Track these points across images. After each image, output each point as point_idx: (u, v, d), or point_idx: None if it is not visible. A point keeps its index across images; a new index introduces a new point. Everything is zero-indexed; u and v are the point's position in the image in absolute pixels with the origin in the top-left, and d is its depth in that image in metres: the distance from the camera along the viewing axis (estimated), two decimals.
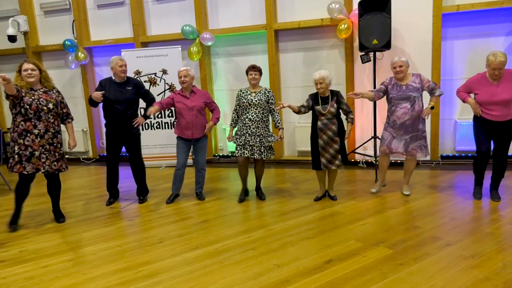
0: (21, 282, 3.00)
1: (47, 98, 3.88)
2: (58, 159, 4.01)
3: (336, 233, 3.60)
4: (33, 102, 3.79)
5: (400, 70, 4.21)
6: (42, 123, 3.84)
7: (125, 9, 6.81)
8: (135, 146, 4.61)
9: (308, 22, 5.86)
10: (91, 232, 3.92)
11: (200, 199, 4.71)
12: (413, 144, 4.34)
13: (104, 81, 4.48)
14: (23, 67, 3.82)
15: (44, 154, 3.90)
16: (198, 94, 4.56)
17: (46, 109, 3.85)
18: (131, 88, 4.48)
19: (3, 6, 7.46)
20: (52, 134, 3.94)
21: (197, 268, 3.08)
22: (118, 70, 4.40)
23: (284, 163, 6.39)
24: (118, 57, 4.47)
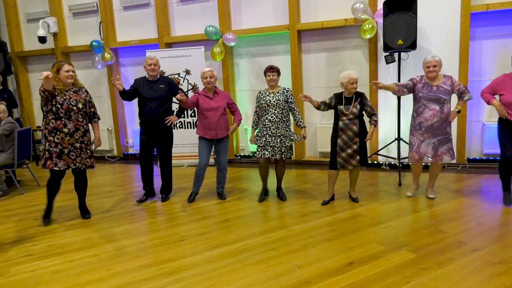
0: (49, 275, 3.10)
1: (76, 98, 4.00)
2: (90, 156, 4.15)
3: (358, 235, 3.56)
4: (64, 101, 3.91)
5: (434, 70, 4.10)
6: (72, 123, 3.96)
7: (150, 10, 6.93)
8: (167, 144, 4.69)
9: (332, 22, 5.82)
10: (116, 229, 4.01)
11: (222, 198, 4.75)
12: (442, 148, 4.23)
13: (139, 79, 4.61)
14: (65, 68, 3.92)
15: (74, 152, 4.01)
16: (221, 95, 4.60)
17: (76, 109, 3.96)
18: (163, 85, 4.56)
19: (34, 8, 7.72)
20: (82, 133, 4.05)
21: (218, 266, 3.11)
22: (148, 69, 4.51)
23: (305, 164, 6.36)
24: (149, 56, 4.58)
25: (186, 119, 6.64)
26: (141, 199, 4.80)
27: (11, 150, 5.35)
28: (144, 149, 4.65)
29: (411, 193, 4.54)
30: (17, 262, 3.36)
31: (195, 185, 4.76)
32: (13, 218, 4.50)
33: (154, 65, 4.52)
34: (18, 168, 5.55)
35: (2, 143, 5.39)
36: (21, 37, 7.97)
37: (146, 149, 4.65)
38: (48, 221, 4.23)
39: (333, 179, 4.43)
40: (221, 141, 4.61)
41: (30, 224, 4.25)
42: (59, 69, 3.93)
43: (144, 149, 4.65)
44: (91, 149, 4.18)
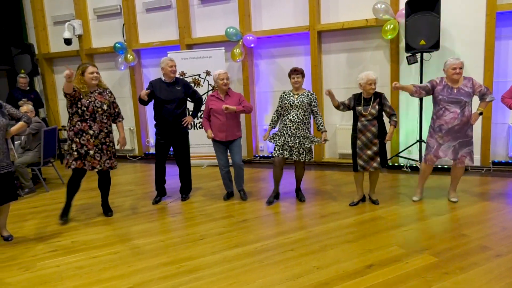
0: (72, 270, 3.19)
1: (101, 100, 4.08)
2: (110, 157, 4.21)
3: (378, 238, 3.52)
4: (89, 104, 4.00)
5: (460, 72, 4.02)
6: (96, 124, 4.05)
7: (171, 12, 7.03)
8: (185, 144, 4.75)
9: (353, 23, 5.77)
10: (137, 227, 4.09)
11: (243, 198, 4.73)
12: (463, 151, 4.14)
13: (154, 82, 4.63)
14: (89, 70, 4.01)
15: (98, 154, 4.10)
16: (232, 97, 4.60)
17: (100, 111, 4.05)
18: (180, 88, 4.61)
19: (60, 11, 7.95)
20: (105, 134, 4.13)
21: (237, 266, 3.13)
22: (168, 71, 4.54)
23: (325, 165, 6.33)
24: (168, 57, 4.61)
25: None
26: (156, 200, 4.86)
27: (37, 149, 5.52)
28: (161, 150, 4.69)
29: (417, 197, 4.44)
30: (42, 257, 3.47)
31: (226, 186, 4.83)
32: (39, 214, 4.64)
33: (175, 66, 4.59)
34: (44, 166, 5.72)
35: (29, 142, 5.57)
36: (48, 39, 8.21)
37: (162, 150, 4.69)
38: (66, 220, 4.33)
39: (359, 180, 4.40)
40: (233, 141, 4.62)
41: (55, 221, 4.37)
42: (83, 71, 4.02)
43: (161, 150, 4.69)
44: (113, 150, 4.24)
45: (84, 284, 2.97)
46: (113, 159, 4.26)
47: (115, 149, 4.32)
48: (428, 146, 4.28)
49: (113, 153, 4.26)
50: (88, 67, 4.03)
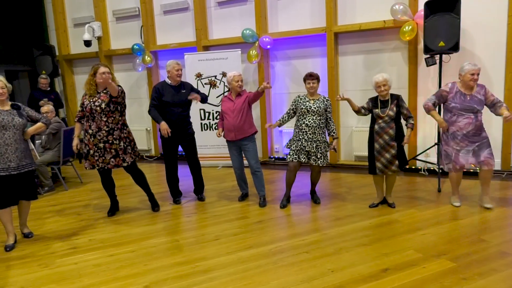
0: (90, 268, 3.25)
1: (103, 99, 4.11)
2: (115, 155, 4.20)
3: (394, 241, 3.48)
4: (88, 104, 4.10)
5: (477, 79, 3.95)
6: (94, 123, 4.12)
7: (189, 14, 7.10)
8: (193, 145, 4.77)
9: (370, 24, 5.72)
10: (152, 226, 4.14)
11: (261, 205, 4.60)
12: (484, 152, 4.05)
13: (160, 86, 4.60)
14: (100, 70, 4.08)
15: (97, 153, 4.15)
16: (243, 96, 4.59)
17: (99, 109, 4.09)
18: (185, 91, 4.63)
19: (80, 14, 8.12)
20: (106, 132, 4.13)
21: (251, 267, 3.13)
22: (175, 74, 4.54)
23: (340, 168, 6.28)
24: (175, 61, 4.60)
25: None
26: (176, 200, 4.89)
27: (57, 148, 5.64)
28: (170, 153, 4.70)
29: (458, 202, 4.30)
30: (61, 254, 3.54)
31: (240, 187, 4.85)
32: (58, 212, 4.74)
33: (181, 70, 4.61)
34: (63, 165, 5.84)
35: (49, 141, 5.70)
36: (68, 41, 8.39)
37: (172, 152, 4.70)
38: (111, 214, 4.50)
39: (379, 183, 4.37)
40: (244, 141, 4.57)
41: (74, 219, 4.46)
42: (95, 72, 4.10)
43: (170, 152, 4.69)
44: (121, 147, 4.20)
45: (101, 281, 3.02)
46: (121, 157, 4.22)
47: (127, 146, 4.26)
48: (446, 155, 4.20)
49: (123, 150, 4.22)
50: (99, 68, 4.10)
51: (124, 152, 4.25)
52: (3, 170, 3.59)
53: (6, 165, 3.59)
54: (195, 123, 6.49)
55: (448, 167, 4.21)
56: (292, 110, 4.46)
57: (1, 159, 3.58)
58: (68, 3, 8.23)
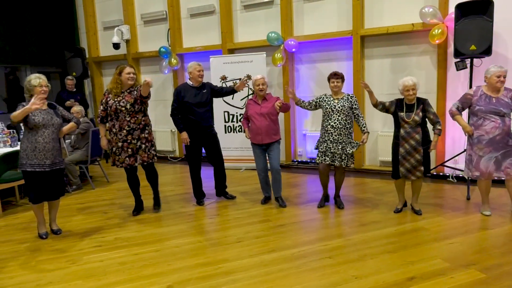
0: (115, 266, 3.32)
1: (128, 99, 4.21)
2: (130, 155, 4.28)
3: (420, 249, 3.39)
4: (113, 104, 4.19)
5: (504, 81, 3.84)
6: (118, 123, 4.22)
7: (215, 17, 7.17)
8: (216, 146, 4.80)
9: (398, 27, 5.62)
10: (176, 227, 4.18)
11: (281, 205, 4.66)
12: (506, 162, 3.91)
13: (181, 88, 4.65)
14: (127, 70, 4.20)
15: (118, 150, 4.28)
16: (270, 101, 4.59)
17: (124, 110, 4.18)
18: (206, 91, 4.68)
19: (110, 17, 8.33)
20: (126, 132, 4.23)
21: (274, 270, 3.12)
22: (196, 75, 4.59)
23: (365, 173, 6.19)
24: (196, 62, 4.67)
25: None
26: (200, 201, 4.93)
27: (85, 148, 5.80)
28: (195, 154, 4.73)
29: (488, 211, 4.16)
30: (88, 251, 3.63)
31: (263, 190, 4.85)
32: (85, 210, 4.86)
33: (203, 71, 4.65)
34: (90, 164, 6.00)
35: (78, 141, 5.86)
36: (98, 43, 8.62)
37: (196, 153, 4.73)
38: (136, 214, 4.59)
39: (401, 187, 4.30)
40: (270, 145, 4.60)
41: (100, 217, 4.56)
42: (121, 71, 4.22)
43: (195, 154, 4.73)
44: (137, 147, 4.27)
45: (126, 279, 3.08)
46: (137, 156, 4.28)
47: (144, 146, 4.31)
48: (470, 160, 4.09)
49: (138, 150, 4.28)
50: (125, 68, 4.22)
51: (139, 152, 4.31)
52: (39, 166, 3.74)
53: (42, 161, 3.74)
54: (219, 125, 6.56)
55: (468, 172, 4.09)
56: (314, 102, 4.44)
57: (39, 155, 3.72)
58: (99, 7, 8.46)
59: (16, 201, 5.32)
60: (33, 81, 3.70)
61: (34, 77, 3.73)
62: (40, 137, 3.71)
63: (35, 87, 3.69)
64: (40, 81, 3.71)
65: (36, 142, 3.70)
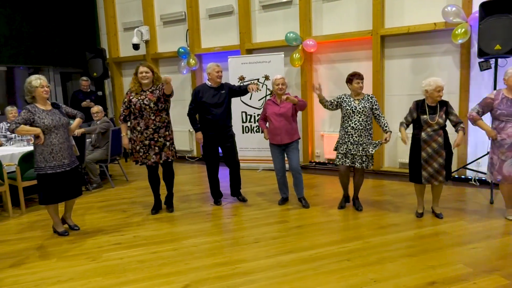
0: (134, 264, 3.35)
1: (151, 98, 4.26)
2: (157, 153, 4.34)
3: (441, 254, 3.32)
4: (137, 102, 4.23)
5: None
6: (143, 121, 4.26)
7: (233, 18, 7.19)
8: (233, 146, 4.80)
9: (419, 26, 5.52)
10: (194, 226, 4.21)
11: (305, 206, 4.63)
12: None
13: (199, 88, 4.67)
14: (140, 69, 4.28)
15: (142, 149, 4.32)
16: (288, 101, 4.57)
17: (148, 108, 4.24)
18: (224, 91, 4.68)
19: (130, 18, 8.45)
20: (153, 130, 4.29)
21: (291, 272, 3.10)
22: (215, 76, 4.60)
23: (384, 175, 6.09)
24: (215, 63, 4.68)
25: None
26: (217, 201, 4.94)
27: (105, 147, 5.89)
28: (211, 155, 4.74)
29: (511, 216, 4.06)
30: (107, 249, 3.68)
31: (281, 191, 4.82)
32: (104, 208, 4.94)
33: (222, 72, 4.66)
34: (110, 163, 6.09)
35: (98, 140, 5.96)
36: (118, 44, 8.75)
37: (213, 154, 4.74)
38: (155, 212, 4.63)
39: (421, 192, 4.22)
40: (289, 145, 4.57)
41: (119, 215, 4.63)
42: (136, 72, 4.30)
43: (211, 154, 4.74)
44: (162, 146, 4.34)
45: (145, 277, 3.11)
46: (162, 154, 4.35)
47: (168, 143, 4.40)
48: (492, 164, 4.00)
49: (164, 147, 4.36)
50: (139, 67, 4.30)
51: (164, 149, 4.38)
52: (60, 167, 3.80)
53: (61, 162, 3.80)
54: (236, 126, 6.56)
55: (491, 176, 3.99)
56: (336, 102, 4.37)
57: (57, 157, 3.78)
58: (119, 8, 8.59)
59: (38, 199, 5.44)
60: (33, 82, 3.72)
61: (34, 78, 3.74)
62: (54, 139, 3.76)
63: (36, 88, 3.72)
64: (41, 81, 3.74)
65: (52, 145, 3.75)
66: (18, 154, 4.92)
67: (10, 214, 4.75)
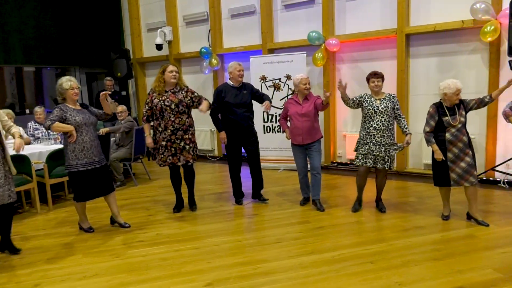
0: (157, 261, 3.39)
1: (172, 99, 4.29)
2: (173, 154, 4.35)
3: (469, 258, 3.22)
4: (158, 103, 4.26)
5: None
6: (163, 122, 4.28)
7: (255, 17, 7.19)
8: (256, 146, 4.79)
9: (446, 24, 5.38)
10: (215, 225, 4.22)
11: (319, 209, 4.54)
12: None
13: (221, 88, 4.68)
14: (169, 68, 4.30)
15: (161, 149, 4.35)
16: (310, 100, 4.52)
17: (169, 109, 4.26)
18: (247, 91, 4.68)
19: (154, 19, 8.57)
20: (171, 132, 4.30)
21: (313, 273, 3.07)
22: (237, 75, 4.60)
23: (407, 176, 5.97)
24: (236, 62, 4.68)
25: None
26: (238, 201, 4.95)
27: (129, 146, 5.99)
28: (234, 154, 4.74)
29: None
30: (131, 246, 3.74)
31: (302, 191, 4.80)
32: (128, 206, 5.02)
33: (243, 71, 4.65)
34: (134, 162, 6.19)
35: (122, 139, 6.07)
36: (142, 45, 8.89)
37: (236, 153, 4.74)
38: (177, 211, 4.68)
39: (447, 194, 4.10)
40: (311, 145, 4.52)
41: (142, 213, 4.69)
42: (164, 70, 4.30)
43: (234, 154, 4.74)
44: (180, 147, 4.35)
45: (167, 275, 3.14)
46: (180, 156, 4.35)
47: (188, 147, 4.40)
48: None
49: (181, 150, 4.36)
50: (168, 66, 4.31)
51: (182, 152, 4.38)
52: (91, 164, 3.89)
53: (91, 159, 3.89)
54: (258, 125, 6.55)
55: None
56: (357, 100, 4.27)
57: (88, 154, 3.87)
58: (143, 10, 8.73)
59: (65, 195, 5.59)
60: (64, 85, 3.81)
61: (65, 80, 3.83)
62: (85, 136, 3.85)
63: (67, 90, 3.81)
64: (71, 83, 3.83)
65: (83, 142, 3.83)
66: (46, 152, 5.05)
67: (38, 210, 4.89)
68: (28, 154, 4.82)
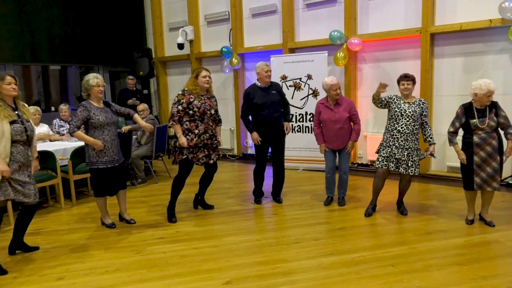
0: (177, 258, 3.43)
1: (210, 104, 4.31)
2: (206, 155, 4.34)
3: (494, 264, 3.13)
4: (201, 106, 4.23)
5: None
6: (203, 125, 4.25)
7: (276, 17, 7.17)
8: (282, 148, 4.79)
9: (473, 23, 5.24)
10: (234, 224, 4.24)
11: (340, 204, 4.65)
12: None
13: (250, 89, 4.69)
14: (203, 73, 4.25)
15: (195, 149, 4.28)
16: (343, 105, 4.48)
17: (209, 114, 4.27)
18: (275, 92, 4.67)
19: (175, 18, 8.66)
20: (209, 136, 4.28)
21: (333, 274, 3.05)
22: (264, 75, 4.59)
23: (430, 178, 5.85)
24: (264, 62, 4.67)
25: (304, 123, 6.69)
26: (257, 200, 4.95)
27: (150, 144, 6.08)
28: (262, 153, 4.75)
29: None
30: (151, 243, 3.79)
31: (328, 190, 4.79)
32: (148, 203, 5.10)
33: (270, 71, 4.64)
34: (154, 160, 6.27)
35: (144, 137, 6.15)
36: (164, 44, 9.01)
37: (263, 153, 4.75)
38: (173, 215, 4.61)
39: (472, 198, 4.00)
40: (343, 148, 4.56)
41: (163, 210, 4.73)
42: (198, 75, 4.28)
43: (262, 153, 4.75)
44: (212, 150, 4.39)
45: (187, 272, 3.17)
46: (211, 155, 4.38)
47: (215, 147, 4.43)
48: None
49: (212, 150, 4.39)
50: (202, 71, 4.28)
51: (214, 151, 4.41)
52: (111, 163, 3.96)
53: (112, 157, 3.96)
54: None
55: None
56: (385, 101, 4.16)
57: (108, 153, 3.94)
58: (165, 9, 8.84)
59: (88, 191, 5.72)
60: (91, 81, 3.88)
61: (92, 77, 3.90)
62: (107, 136, 3.92)
63: (92, 87, 3.88)
64: (98, 81, 3.90)
65: (104, 141, 3.90)
66: (70, 148, 5.18)
67: (62, 205, 5.02)
68: (53, 151, 4.95)
